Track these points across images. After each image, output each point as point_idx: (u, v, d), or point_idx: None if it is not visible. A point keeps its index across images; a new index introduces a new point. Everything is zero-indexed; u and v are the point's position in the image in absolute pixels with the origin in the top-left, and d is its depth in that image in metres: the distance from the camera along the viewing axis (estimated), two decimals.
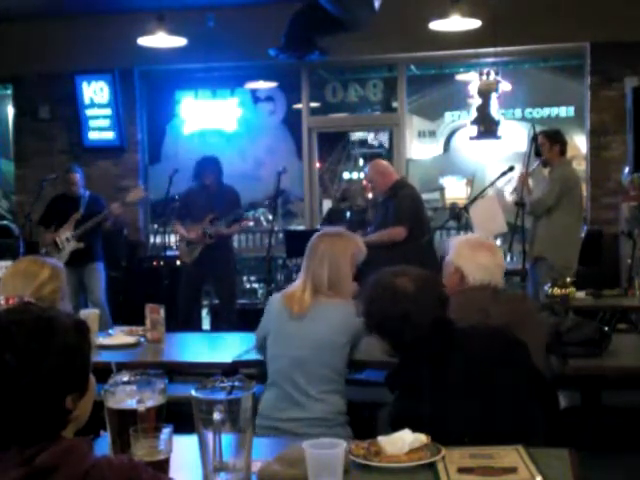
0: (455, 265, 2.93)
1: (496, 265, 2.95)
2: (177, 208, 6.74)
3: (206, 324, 7.39)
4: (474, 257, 2.92)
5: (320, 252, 3.04)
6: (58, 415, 1.48)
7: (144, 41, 7.22)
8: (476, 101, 7.63)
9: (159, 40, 7.17)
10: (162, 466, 1.81)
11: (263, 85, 8.75)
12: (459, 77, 8.58)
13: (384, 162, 6.29)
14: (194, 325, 6.60)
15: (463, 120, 8.48)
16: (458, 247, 2.99)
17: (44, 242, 6.63)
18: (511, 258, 7.72)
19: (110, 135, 8.29)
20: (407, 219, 5.76)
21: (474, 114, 7.67)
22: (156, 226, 8.04)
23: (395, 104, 8.48)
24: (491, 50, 7.30)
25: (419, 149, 9.01)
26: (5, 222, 8.38)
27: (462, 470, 1.92)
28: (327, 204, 9.16)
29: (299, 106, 8.50)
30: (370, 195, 6.81)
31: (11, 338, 1.45)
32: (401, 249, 5.63)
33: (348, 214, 8.84)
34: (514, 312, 2.82)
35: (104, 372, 2.08)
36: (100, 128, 8.30)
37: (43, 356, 1.45)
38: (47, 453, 1.39)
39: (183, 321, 6.36)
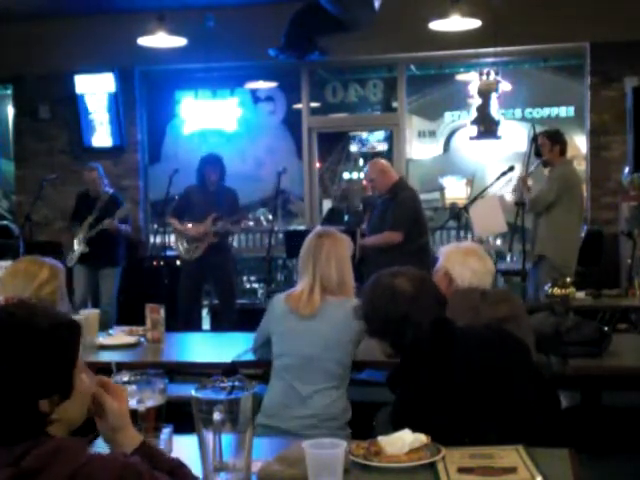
0: (444, 269, 2.96)
1: (486, 271, 2.99)
2: (174, 205, 6.73)
3: (206, 324, 7.39)
4: (464, 261, 2.97)
5: (325, 252, 3.05)
6: (32, 418, 1.46)
7: (144, 41, 7.22)
8: (476, 101, 7.64)
9: (159, 40, 7.17)
10: None
11: (263, 85, 8.75)
12: (459, 77, 8.58)
13: (384, 161, 6.31)
14: (194, 325, 6.59)
15: (463, 120, 8.48)
16: (448, 253, 3.05)
17: (64, 242, 6.70)
18: (511, 258, 7.72)
19: (110, 135, 8.29)
20: (404, 225, 5.79)
21: (474, 114, 7.67)
22: (156, 226, 8.03)
23: (395, 104, 8.48)
24: (491, 50, 7.30)
25: (419, 149, 9.01)
26: (5, 222, 8.38)
27: (462, 470, 1.92)
28: (327, 204, 9.15)
29: (299, 106, 8.49)
30: (369, 193, 6.80)
31: None
32: (397, 251, 5.66)
33: (348, 214, 8.84)
34: (503, 310, 2.85)
35: (104, 372, 2.08)
36: (100, 128, 8.29)
37: (12, 358, 1.43)
38: (34, 454, 1.38)
39: (183, 320, 6.37)
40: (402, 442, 1.99)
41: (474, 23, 6.70)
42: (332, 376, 2.99)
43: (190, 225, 6.47)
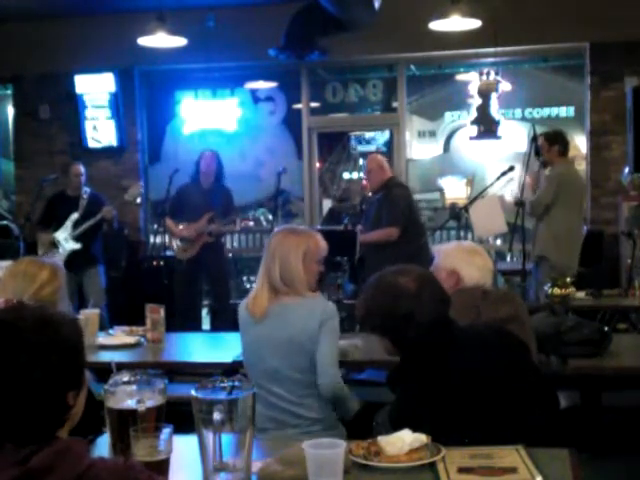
0: (450, 269, 2.96)
1: (489, 268, 3.04)
2: (169, 205, 6.72)
3: (206, 324, 7.39)
4: (470, 260, 2.98)
5: (271, 250, 2.98)
6: (60, 411, 1.48)
7: (144, 41, 7.21)
8: (476, 101, 7.64)
9: (159, 40, 7.17)
10: (162, 466, 1.81)
11: (263, 85, 8.75)
12: (459, 77, 8.58)
13: (382, 157, 6.39)
14: (194, 324, 6.59)
15: (463, 120, 8.48)
16: (452, 252, 3.03)
17: (42, 243, 6.60)
18: (511, 258, 7.72)
19: (110, 135, 8.29)
20: (400, 219, 5.88)
21: (474, 114, 7.68)
22: (156, 226, 8.04)
23: (395, 104, 8.47)
24: (491, 50, 7.30)
25: (419, 149, 9.01)
26: (5, 222, 8.38)
27: (462, 470, 1.92)
28: (327, 204, 9.16)
29: (299, 106, 8.50)
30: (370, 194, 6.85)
31: (19, 334, 1.45)
32: (396, 251, 5.69)
33: (346, 214, 8.84)
34: (504, 310, 2.85)
35: (104, 372, 2.08)
36: (100, 128, 8.29)
37: (50, 351, 1.45)
38: (43, 454, 1.38)
39: (181, 320, 6.36)
40: (402, 442, 1.99)
41: (474, 23, 6.70)
42: (300, 385, 2.91)
43: (182, 226, 6.48)
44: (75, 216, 6.60)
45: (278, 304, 2.94)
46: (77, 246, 6.55)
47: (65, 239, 6.57)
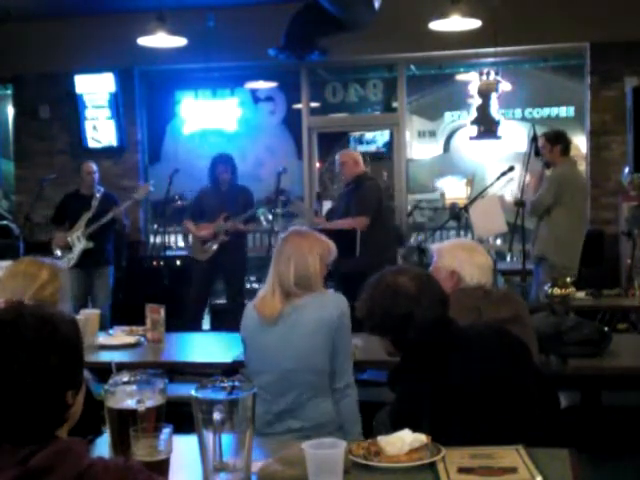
0: (451, 269, 2.95)
1: (489, 266, 3.03)
2: (190, 208, 6.79)
3: (206, 324, 7.38)
4: (471, 259, 2.96)
5: (286, 252, 2.94)
6: (59, 410, 1.48)
7: (144, 41, 7.21)
8: (476, 101, 7.63)
9: (159, 40, 7.17)
10: (162, 466, 1.81)
11: (263, 85, 8.75)
12: (459, 77, 8.58)
13: (357, 153, 6.54)
14: (194, 324, 6.59)
15: (463, 120, 8.48)
16: (453, 251, 3.01)
17: (56, 242, 6.62)
18: (511, 258, 7.73)
19: (110, 135, 8.29)
20: (370, 210, 6.02)
21: (474, 114, 7.67)
22: (156, 226, 8.04)
23: (395, 104, 8.47)
24: (491, 50, 7.30)
25: (419, 149, 9.01)
26: (5, 222, 8.38)
27: (462, 470, 1.92)
28: (327, 204, 9.15)
29: (299, 106, 8.49)
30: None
31: (19, 332, 1.45)
32: (362, 241, 5.80)
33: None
34: (505, 311, 2.85)
35: (104, 372, 2.08)
36: (100, 128, 8.29)
37: (50, 350, 1.45)
38: (42, 454, 1.38)
39: (190, 320, 6.37)
40: (402, 442, 1.99)
41: (474, 23, 6.70)
42: (309, 387, 2.88)
43: (202, 227, 6.51)
44: (88, 214, 6.63)
45: (290, 306, 2.91)
46: (90, 244, 6.57)
47: (78, 238, 6.60)
